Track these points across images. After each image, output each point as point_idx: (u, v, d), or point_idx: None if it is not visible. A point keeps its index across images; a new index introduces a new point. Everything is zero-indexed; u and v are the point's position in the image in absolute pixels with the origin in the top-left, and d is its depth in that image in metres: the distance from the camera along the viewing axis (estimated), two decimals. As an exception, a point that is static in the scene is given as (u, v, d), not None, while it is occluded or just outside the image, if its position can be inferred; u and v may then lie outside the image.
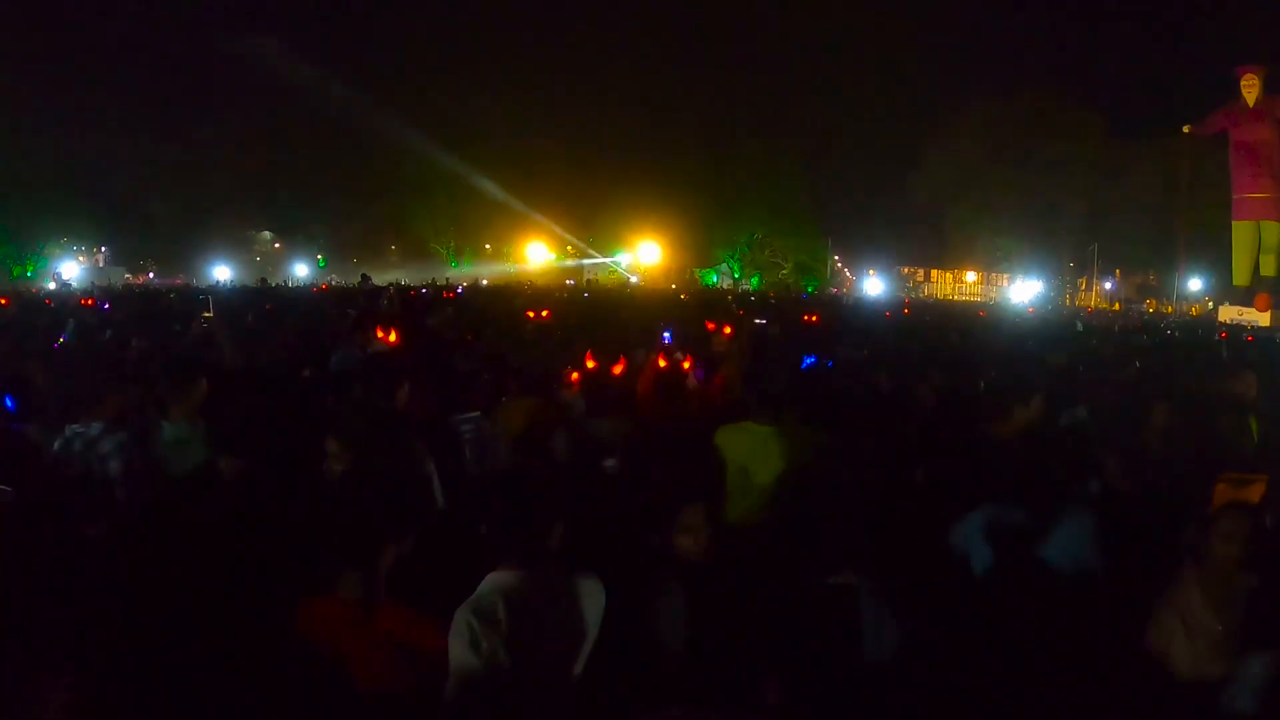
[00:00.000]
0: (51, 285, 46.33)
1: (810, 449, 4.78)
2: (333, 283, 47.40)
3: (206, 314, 12.17)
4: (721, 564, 3.31)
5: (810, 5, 62.17)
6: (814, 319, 16.93)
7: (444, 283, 39.55)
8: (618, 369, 6.28)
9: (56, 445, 4.50)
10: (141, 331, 10.18)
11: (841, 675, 3.06)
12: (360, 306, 15.89)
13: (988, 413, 5.33)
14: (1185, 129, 35.47)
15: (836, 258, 73.20)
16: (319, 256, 67.98)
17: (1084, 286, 66.76)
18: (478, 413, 5.32)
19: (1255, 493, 3.24)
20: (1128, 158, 57.01)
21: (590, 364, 6.29)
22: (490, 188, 58.48)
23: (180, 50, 61.06)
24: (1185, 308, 53.07)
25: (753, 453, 4.83)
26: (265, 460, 4.03)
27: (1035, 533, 3.78)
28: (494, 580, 2.83)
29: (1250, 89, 31.48)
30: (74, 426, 4.56)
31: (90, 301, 20.63)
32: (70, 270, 57.08)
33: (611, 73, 59.10)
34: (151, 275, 64.10)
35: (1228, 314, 30.82)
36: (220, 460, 4.02)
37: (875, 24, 59.87)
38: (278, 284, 40.72)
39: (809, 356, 8.20)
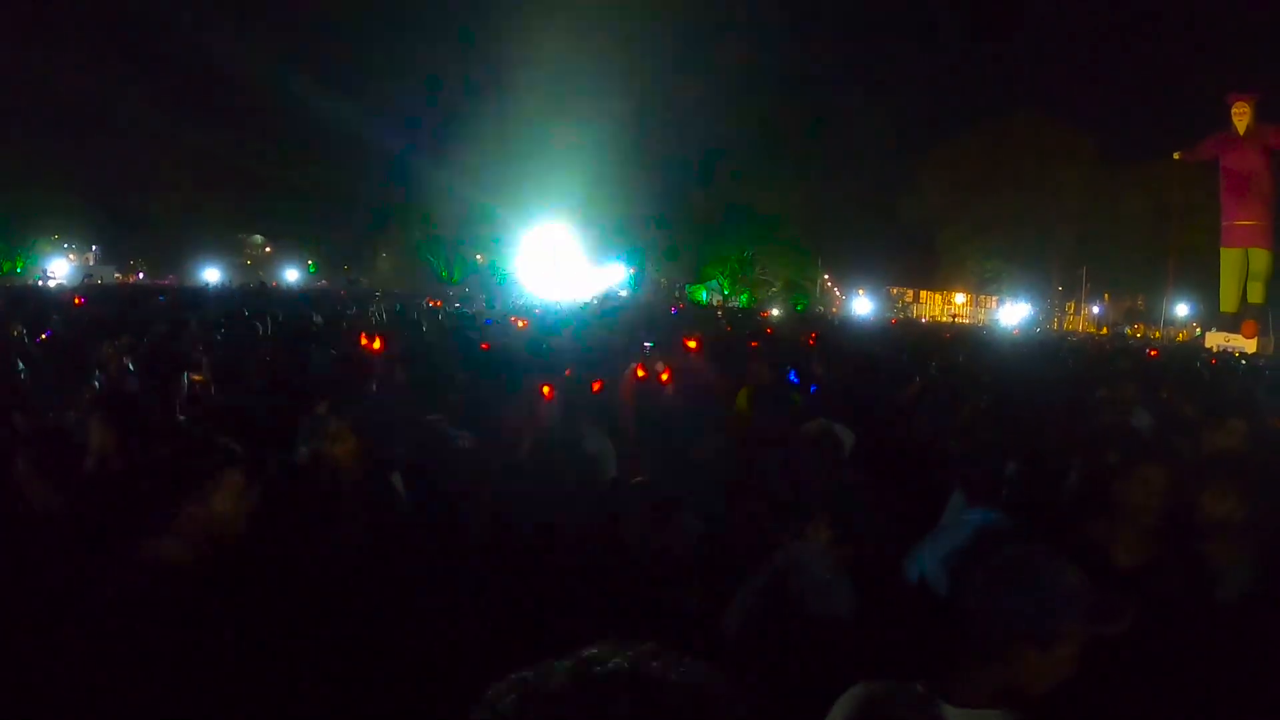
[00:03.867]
0: (40, 283, 46.11)
1: None
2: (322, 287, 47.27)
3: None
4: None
5: (805, 28, 62.66)
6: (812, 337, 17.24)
7: None
8: (596, 386, 6.25)
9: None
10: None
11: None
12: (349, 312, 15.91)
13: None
14: (1175, 155, 35.67)
15: (826, 276, 73.37)
16: (309, 262, 67.85)
17: (1072, 310, 67.00)
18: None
19: None
20: (1118, 183, 57.35)
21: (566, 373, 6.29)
22: (482, 200, 58.42)
23: (175, 51, 60.95)
24: (1172, 333, 53.30)
25: None
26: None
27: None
28: None
29: (1241, 117, 31.64)
30: None
31: (80, 300, 20.62)
32: (60, 268, 56.81)
33: (605, 87, 59.20)
34: (141, 275, 63.89)
35: (1215, 340, 30.90)
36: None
37: (869, 46, 60.30)
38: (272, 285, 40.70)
39: (791, 374, 8.22)
